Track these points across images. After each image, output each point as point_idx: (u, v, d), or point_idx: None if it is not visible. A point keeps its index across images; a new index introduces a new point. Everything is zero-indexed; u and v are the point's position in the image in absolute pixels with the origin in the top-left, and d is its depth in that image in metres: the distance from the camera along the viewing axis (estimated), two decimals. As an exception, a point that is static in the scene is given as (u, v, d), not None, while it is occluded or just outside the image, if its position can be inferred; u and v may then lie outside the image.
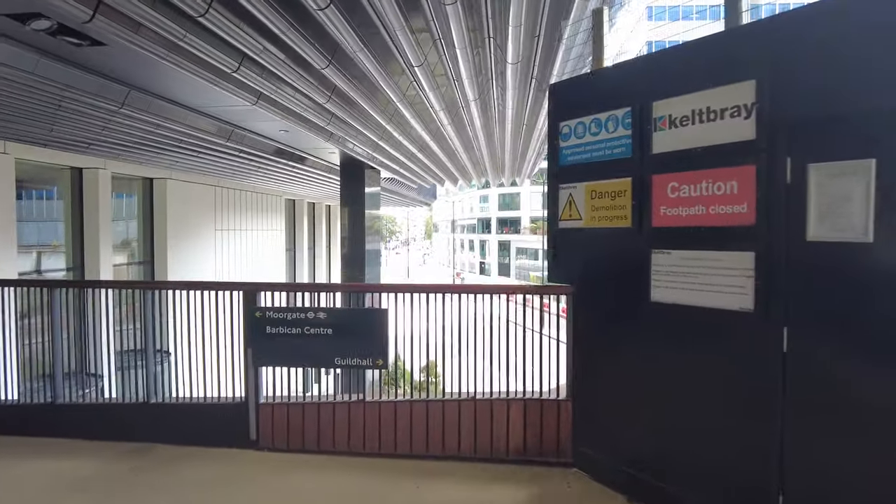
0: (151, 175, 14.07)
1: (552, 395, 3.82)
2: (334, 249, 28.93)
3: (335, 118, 7.70)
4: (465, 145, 10.50)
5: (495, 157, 11.78)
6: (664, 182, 2.68)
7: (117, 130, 7.76)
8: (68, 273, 11.83)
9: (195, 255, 15.79)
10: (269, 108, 6.61)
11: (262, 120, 8.21)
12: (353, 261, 13.19)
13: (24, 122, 7.22)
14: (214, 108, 7.44)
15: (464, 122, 8.66)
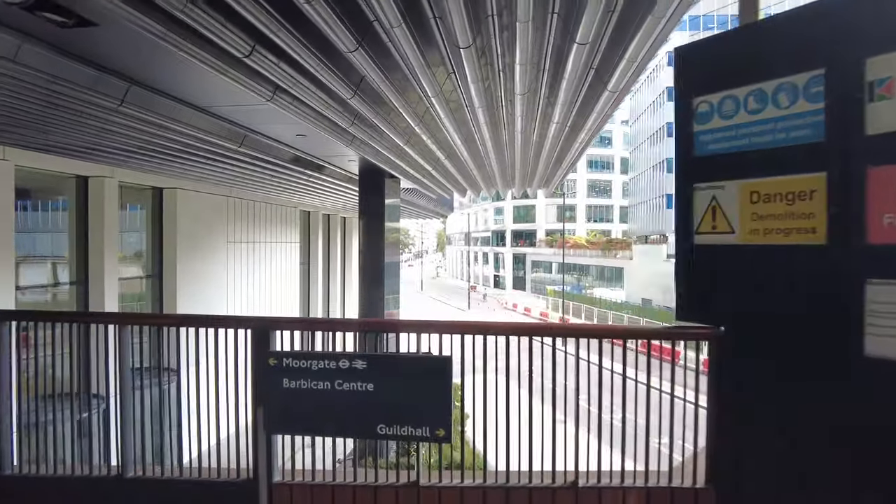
0: (160, 184, 13.37)
1: (684, 479, 2.86)
2: (349, 263, 28.18)
3: (359, 119, 6.88)
4: (498, 151, 9.67)
5: (527, 163, 10.93)
6: (892, 177, 1.75)
7: (118, 133, 6.98)
8: (71, 287, 11.11)
9: (206, 268, 15.04)
10: (286, 104, 5.79)
11: (277, 122, 7.41)
12: (372, 275, 12.34)
13: (14, 124, 6.47)
14: (225, 107, 6.65)
15: (500, 123, 7.82)
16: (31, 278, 10.56)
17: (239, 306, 16.69)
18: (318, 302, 24.05)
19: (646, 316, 32.22)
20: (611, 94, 5.94)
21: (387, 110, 6.41)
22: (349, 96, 5.39)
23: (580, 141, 8.52)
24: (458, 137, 8.12)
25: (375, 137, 7.68)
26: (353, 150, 8.36)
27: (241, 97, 6.18)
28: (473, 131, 8.10)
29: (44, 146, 8.15)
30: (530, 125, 7.69)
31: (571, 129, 7.84)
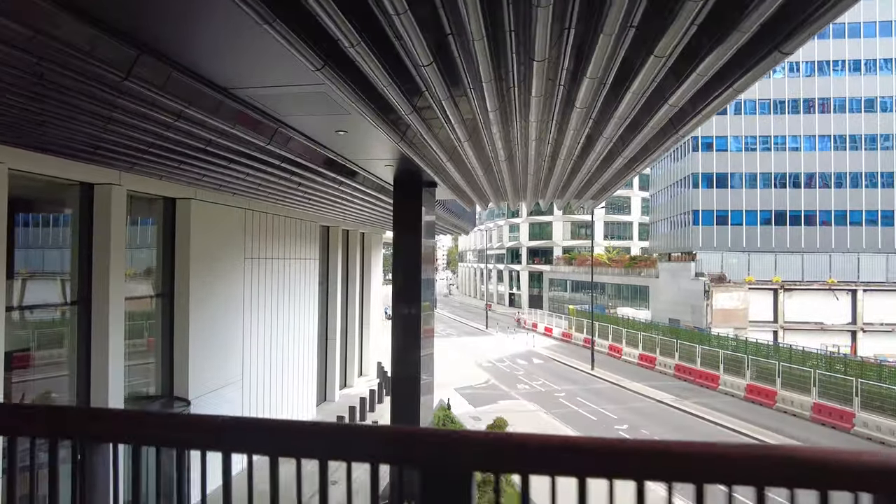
0: (173, 194, 12.15)
1: None
2: (367, 281, 26.93)
3: (421, 111, 5.61)
4: (538, 159, 8.44)
5: (565, 174, 9.71)
6: None
7: (124, 124, 5.74)
8: (72, 307, 9.83)
9: (222, 286, 13.75)
10: (335, 79, 4.50)
11: (315, 111, 6.15)
12: (407, 294, 10.98)
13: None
14: (252, 88, 5.38)
15: (546, 137, 6.71)
16: (25, 297, 9.33)
17: (255, 331, 15.39)
18: (337, 324, 22.73)
19: (679, 338, 30.52)
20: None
21: (458, 93, 5.10)
22: (426, 62, 4.08)
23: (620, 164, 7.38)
24: (504, 142, 6.90)
25: (429, 137, 6.40)
26: (402, 149, 7.07)
27: (273, 72, 4.92)
28: (524, 137, 6.93)
29: (40, 144, 6.92)
30: (578, 135, 6.57)
31: (610, 153, 6.76)
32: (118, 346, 10.19)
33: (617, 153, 7.46)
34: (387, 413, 20.79)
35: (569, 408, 22.44)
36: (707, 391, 25.95)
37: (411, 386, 10.93)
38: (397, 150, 8.08)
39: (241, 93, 5.43)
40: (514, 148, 7.81)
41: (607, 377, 28.63)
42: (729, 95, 4.94)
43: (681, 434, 19.09)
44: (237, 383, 14.47)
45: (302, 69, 4.68)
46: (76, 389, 9.92)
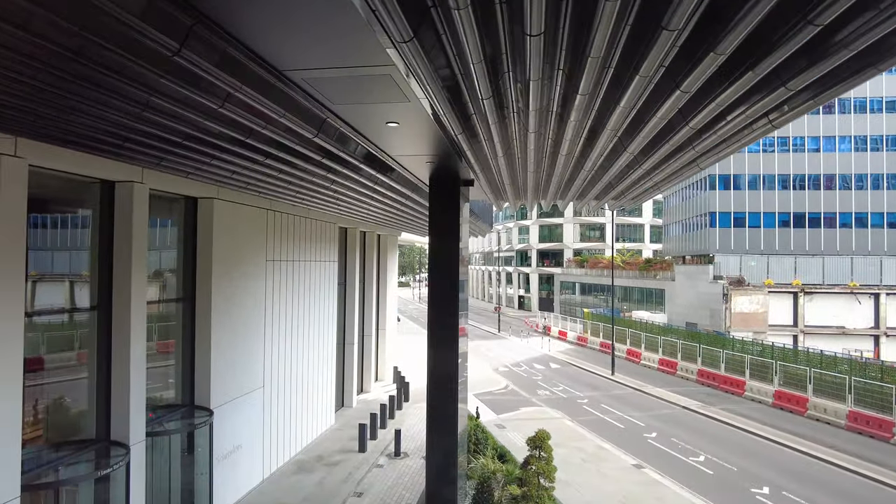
0: (195, 193, 11.61)
1: None
2: (384, 282, 26.31)
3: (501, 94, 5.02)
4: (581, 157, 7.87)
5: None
6: None
7: (163, 112, 5.16)
8: (92, 312, 9.27)
9: (244, 288, 13.19)
10: (417, 57, 3.91)
11: (373, 99, 5.55)
12: (444, 295, 10.37)
13: (25, 97, 4.66)
14: (312, 70, 4.77)
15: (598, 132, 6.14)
16: (42, 301, 8.78)
17: (277, 336, 14.81)
18: (354, 328, 22.14)
19: (701, 342, 29.76)
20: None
21: (546, 75, 4.49)
22: (536, 31, 3.47)
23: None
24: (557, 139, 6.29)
25: (500, 124, 5.80)
26: (460, 141, 6.47)
27: (337, 51, 4.32)
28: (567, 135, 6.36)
29: (65, 136, 6.33)
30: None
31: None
32: (140, 353, 9.63)
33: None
34: (408, 419, 20.23)
35: (594, 415, 21.75)
36: (733, 397, 25.22)
37: (449, 393, 10.33)
38: (444, 144, 7.52)
39: (296, 75, 4.83)
40: (562, 144, 7.20)
41: (629, 383, 27.90)
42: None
43: (715, 443, 18.38)
44: (259, 391, 13.90)
45: (372, 47, 4.11)
46: (95, 398, 9.36)
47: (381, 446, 17.22)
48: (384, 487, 14.10)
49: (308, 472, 14.83)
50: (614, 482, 14.55)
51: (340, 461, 15.67)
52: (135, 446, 9.42)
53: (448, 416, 10.36)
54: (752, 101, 5.03)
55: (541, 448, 10.57)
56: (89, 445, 9.16)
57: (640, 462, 16.38)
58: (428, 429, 10.49)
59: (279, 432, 15.09)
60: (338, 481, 14.30)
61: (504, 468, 12.24)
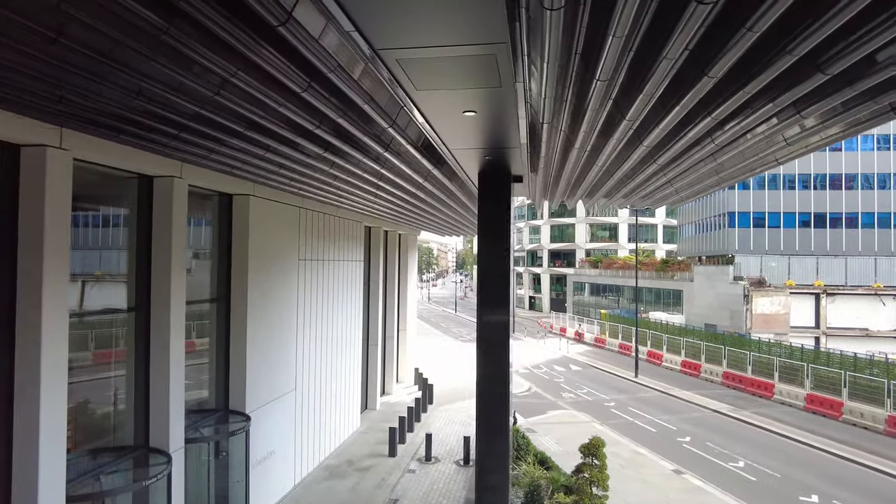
0: (231, 190, 11.22)
1: None
2: (404, 281, 25.88)
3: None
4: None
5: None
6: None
7: (241, 94, 4.74)
8: (129, 314, 8.87)
9: (278, 289, 12.80)
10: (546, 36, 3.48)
11: (461, 85, 5.11)
12: (493, 296, 9.93)
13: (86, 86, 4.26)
14: (409, 49, 4.33)
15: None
16: (78, 302, 8.39)
17: (307, 337, 14.40)
18: (378, 328, 21.72)
19: (726, 344, 29.19)
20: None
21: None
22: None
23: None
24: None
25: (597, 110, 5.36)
26: (541, 131, 6.03)
27: (442, 26, 3.89)
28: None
29: (121, 124, 5.90)
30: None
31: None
32: (179, 356, 9.24)
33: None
34: (434, 422, 19.74)
35: (623, 418, 21.26)
36: (761, 400, 24.66)
37: (499, 398, 9.89)
38: (513, 136, 7.09)
39: (390, 55, 4.39)
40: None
41: (653, 385, 27.38)
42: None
43: (753, 448, 17.86)
44: (291, 394, 13.50)
45: (492, 22, 3.69)
46: (133, 403, 8.97)
47: (411, 450, 16.79)
48: (419, 494, 13.67)
49: (340, 477, 14.41)
50: (657, 489, 14.07)
51: (371, 466, 15.25)
52: (175, 454, 9.03)
53: (498, 422, 9.91)
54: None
55: (594, 455, 10.11)
56: (128, 452, 8.77)
57: (679, 468, 15.89)
58: (477, 435, 10.05)
59: (309, 436, 14.69)
60: (371, 487, 13.87)
61: (549, 475, 11.79)
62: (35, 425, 6.50)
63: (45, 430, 6.56)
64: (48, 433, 6.61)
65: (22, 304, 6.55)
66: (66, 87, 4.61)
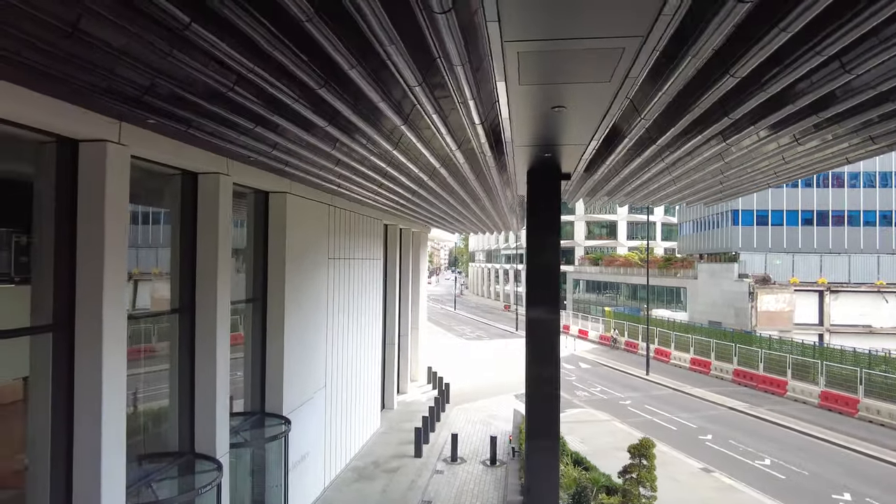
0: (268, 187, 10.97)
1: None
2: (417, 280, 25.67)
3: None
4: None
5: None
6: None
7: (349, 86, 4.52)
8: (172, 316, 8.60)
9: (310, 289, 12.57)
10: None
11: (566, 78, 4.94)
12: (542, 296, 9.80)
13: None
14: (542, 41, 4.16)
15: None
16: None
17: (335, 336, 14.18)
18: (395, 327, 21.53)
19: (736, 341, 29.27)
20: None
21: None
22: None
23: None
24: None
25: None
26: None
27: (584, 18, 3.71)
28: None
29: (195, 116, 5.63)
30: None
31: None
32: (225, 358, 9.01)
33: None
34: (454, 422, 19.52)
35: (641, 416, 21.21)
36: (774, 398, 24.73)
37: (549, 397, 9.74)
38: (585, 133, 6.93)
39: (513, 47, 4.19)
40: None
41: (665, 383, 27.39)
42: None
43: (775, 445, 17.86)
44: (321, 394, 13.28)
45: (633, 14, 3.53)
46: (178, 407, 8.70)
47: (435, 451, 16.62)
48: (451, 495, 13.50)
49: (369, 479, 14.21)
50: (689, 488, 13.99)
51: (399, 467, 15.06)
52: (221, 459, 8.78)
53: (549, 422, 9.77)
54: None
55: (644, 456, 9.98)
56: (176, 459, 8.52)
57: (707, 466, 15.84)
58: (527, 434, 9.91)
59: (337, 438, 14.48)
60: (402, 489, 13.68)
61: (589, 476, 11.66)
62: (97, 430, 6.24)
63: (106, 435, 6.30)
64: (109, 439, 6.36)
65: (82, 304, 6.27)
66: (161, 76, 4.39)
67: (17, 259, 6.24)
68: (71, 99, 5.43)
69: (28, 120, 5.47)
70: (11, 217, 6.23)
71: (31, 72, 3.97)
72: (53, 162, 6.22)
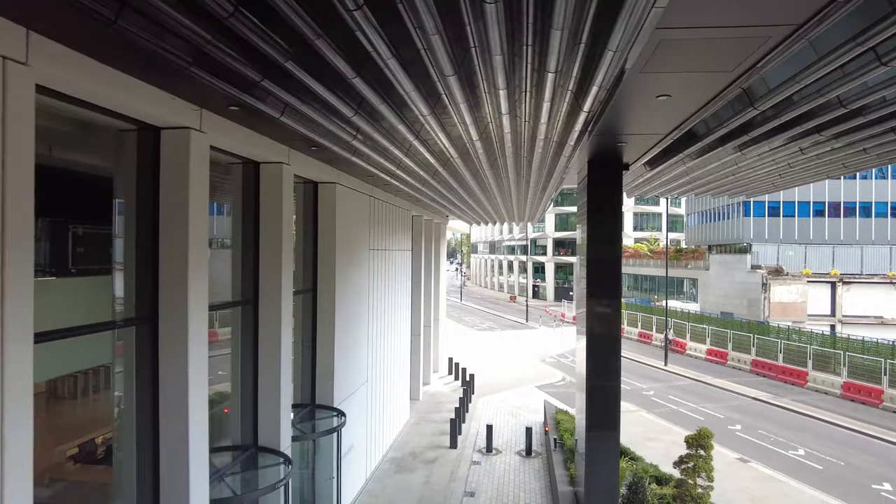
0: (317, 178, 10.82)
1: None
2: (437, 268, 25.57)
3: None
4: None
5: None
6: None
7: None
8: (235, 309, 8.49)
9: (355, 280, 12.49)
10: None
11: (696, 66, 4.83)
12: (603, 288, 9.72)
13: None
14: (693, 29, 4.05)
15: None
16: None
17: (374, 327, 14.09)
18: (421, 318, 21.45)
19: (753, 332, 29.32)
20: None
21: None
22: None
23: None
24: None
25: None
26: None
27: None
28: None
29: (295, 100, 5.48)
30: None
31: None
32: (288, 351, 8.93)
33: None
34: (482, 412, 19.50)
35: (666, 406, 21.25)
36: (795, 388, 24.80)
37: (610, 389, 9.70)
38: (673, 121, 6.82)
39: (657, 35, 4.08)
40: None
41: (684, 373, 27.46)
42: None
43: (807, 436, 17.91)
44: (364, 386, 13.22)
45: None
46: (240, 401, 8.61)
47: (469, 442, 16.61)
48: (493, 486, 13.49)
49: (409, 470, 14.18)
50: (729, 478, 13.99)
51: (436, 458, 15.04)
52: (284, 452, 8.72)
53: (611, 415, 9.74)
54: None
55: (703, 447, 9.96)
56: (242, 452, 8.44)
57: (742, 456, 15.88)
58: (587, 426, 9.86)
59: (377, 428, 14.45)
60: (444, 480, 13.65)
61: (637, 466, 11.65)
62: (184, 422, 6.16)
63: (192, 427, 6.22)
64: (195, 431, 6.28)
65: (166, 297, 6.15)
66: (291, 60, 4.26)
67: (96, 252, 6.12)
68: (161, 84, 5.29)
69: (122, 106, 5.33)
70: (92, 209, 6.10)
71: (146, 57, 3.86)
72: (135, 151, 6.09)
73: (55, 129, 5.48)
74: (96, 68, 4.45)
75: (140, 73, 4.86)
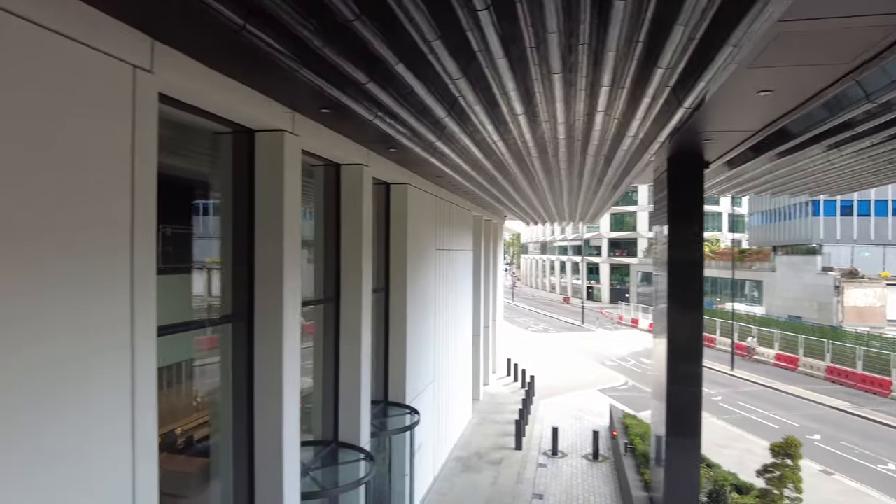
0: (389, 178, 10.98)
1: None
2: (496, 271, 25.54)
3: None
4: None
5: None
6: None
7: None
8: (317, 306, 8.70)
9: (423, 280, 12.61)
10: None
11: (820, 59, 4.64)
12: (685, 291, 9.44)
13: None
14: (819, 20, 3.89)
15: None
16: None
17: (440, 327, 14.19)
18: (481, 318, 21.46)
19: (828, 337, 27.80)
20: None
21: None
22: None
23: None
24: None
25: None
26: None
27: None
28: None
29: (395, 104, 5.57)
30: None
31: None
32: (368, 348, 9.09)
33: None
34: (544, 415, 19.32)
35: (736, 413, 20.47)
36: (877, 398, 23.35)
37: (692, 398, 9.41)
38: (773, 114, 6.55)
39: (775, 28, 3.93)
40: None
41: (754, 379, 26.34)
42: None
43: (894, 448, 16.85)
44: (431, 385, 13.33)
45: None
46: (321, 396, 8.82)
47: (533, 444, 16.48)
48: (560, 489, 13.34)
49: (475, 470, 14.20)
50: (814, 491, 13.29)
51: (502, 459, 15.00)
52: (364, 447, 8.88)
53: (692, 422, 9.44)
54: None
55: (790, 456, 9.53)
56: (324, 447, 8.65)
57: (826, 468, 15.10)
58: (667, 432, 9.60)
59: (443, 427, 14.55)
60: (511, 482, 13.60)
61: (714, 473, 11.27)
62: (278, 419, 6.32)
63: (286, 423, 6.39)
64: (289, 427, 6.45)
65: (262, 296, 6.34)
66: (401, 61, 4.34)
67: (192, 251, 6.37)
68: (261, 87, 5.45)
69: (224, 109, 5.53)
70: (188, 210, 6.35)
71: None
72: (230, 153, 6.31)
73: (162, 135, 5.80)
74: (208, 74, 4.66)
75: (244, 77, 5.03)
